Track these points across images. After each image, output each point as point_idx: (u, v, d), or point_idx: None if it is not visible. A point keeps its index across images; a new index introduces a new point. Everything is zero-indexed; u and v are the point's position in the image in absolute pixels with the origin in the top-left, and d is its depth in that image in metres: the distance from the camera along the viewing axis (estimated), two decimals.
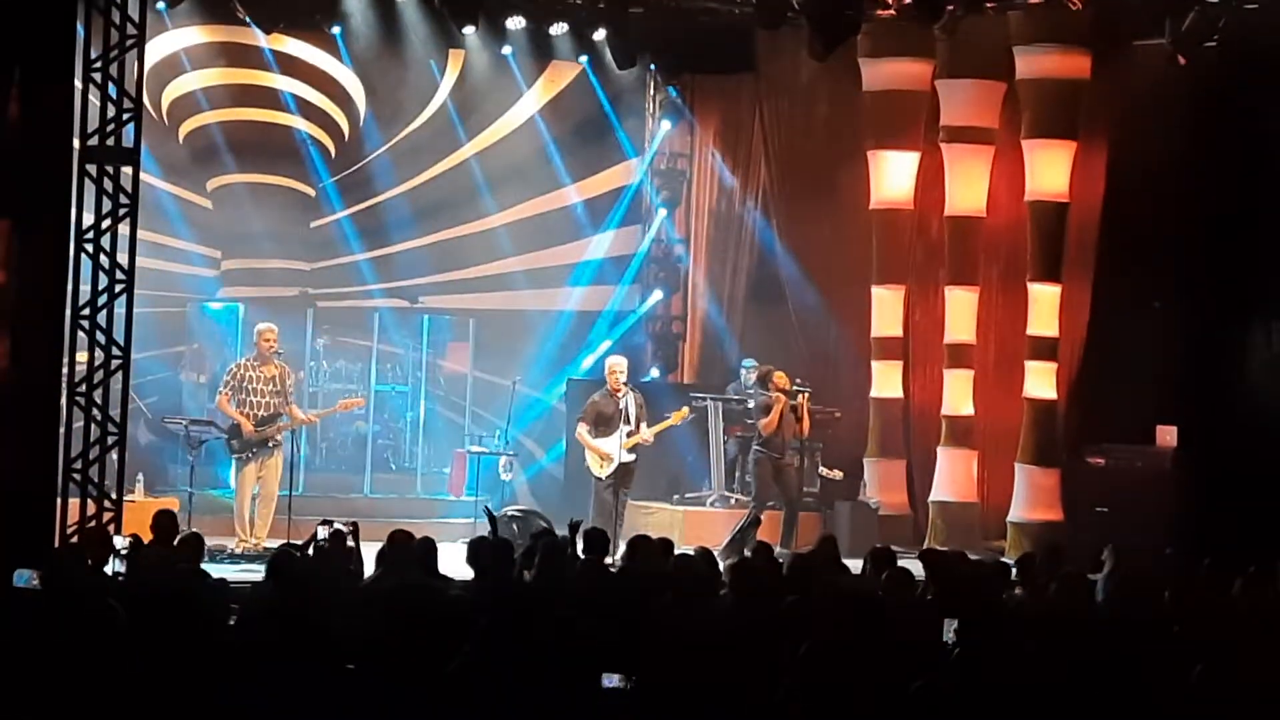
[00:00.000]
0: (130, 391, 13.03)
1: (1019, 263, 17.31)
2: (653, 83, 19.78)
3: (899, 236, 17.97)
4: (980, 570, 10.67)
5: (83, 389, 12.66)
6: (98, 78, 12.77)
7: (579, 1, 17.72)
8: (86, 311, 12.67)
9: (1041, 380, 17.04)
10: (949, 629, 7.88)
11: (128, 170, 12.80)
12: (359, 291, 18.82)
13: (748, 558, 11.17)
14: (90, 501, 12.61)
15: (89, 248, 12.65)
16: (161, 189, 17.23)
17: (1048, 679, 7.33)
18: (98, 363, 12.70)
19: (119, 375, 12.76)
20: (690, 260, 19.87)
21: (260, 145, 18.28)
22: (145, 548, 10.12)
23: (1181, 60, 15.78)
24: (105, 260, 12.73)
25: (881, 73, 17.66)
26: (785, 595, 8.92)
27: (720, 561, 10.62)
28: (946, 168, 17.66)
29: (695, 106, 19.87)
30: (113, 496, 12.69)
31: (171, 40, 17.45)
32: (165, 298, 16.93)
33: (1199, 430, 16.17)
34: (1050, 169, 16.98)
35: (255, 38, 17.67)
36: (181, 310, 17.63)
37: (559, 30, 18.18)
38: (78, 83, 12.56)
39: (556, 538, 10.76)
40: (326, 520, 10.72)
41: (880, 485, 17.76)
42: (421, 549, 9.56)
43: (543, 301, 19.31)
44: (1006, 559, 13.48)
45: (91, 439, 12.65)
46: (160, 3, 16.02)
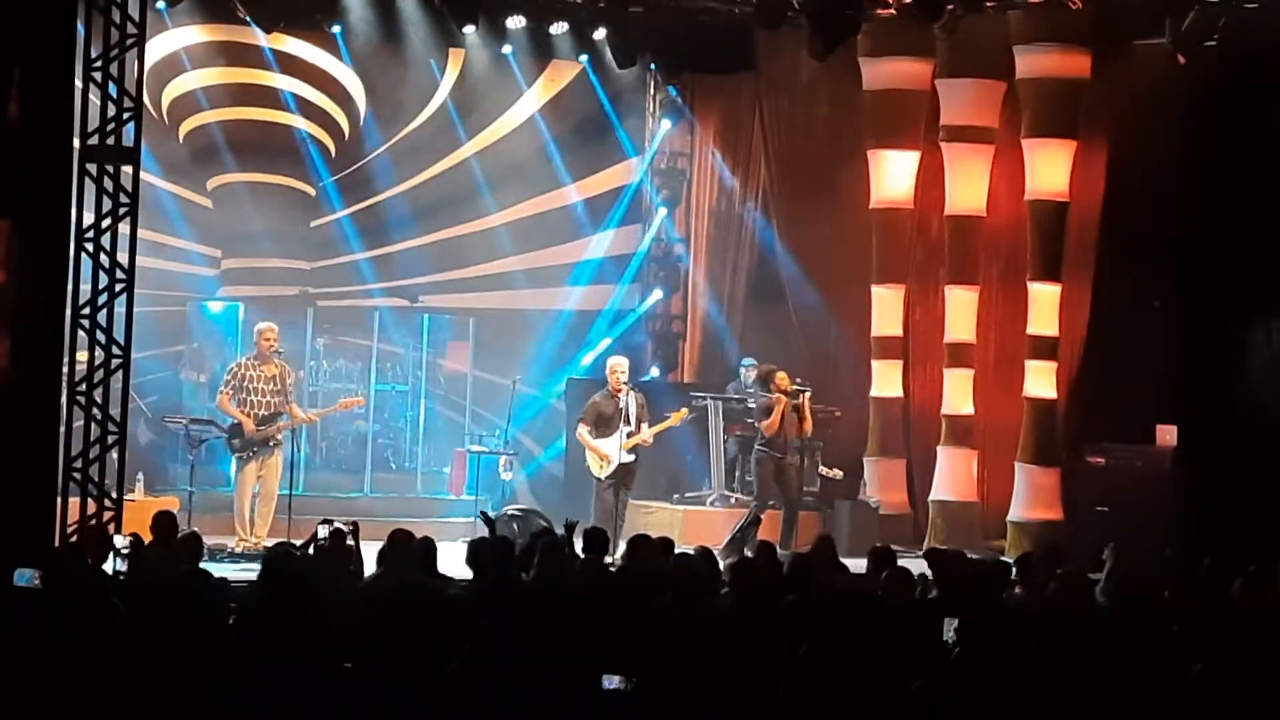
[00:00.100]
0: (130, 391, 13.04)
1: (1019, 262, 17.30)
2: (653, 82, 19.77)
3: (899, 236, 17.97)
4: (980, 570, 10.66)
5: (83, 388, 12.65)
6: (98, 77, 12.75)
7: (579, 1, 17.72)
8: (87, 311, 12.65)
9: (1041, 379, 17.04)
10: (949, 628, 7.88)
11: (128, 169, 12.79)
12: (359, 291, 18.81)
13: (748, 557, 11.19)
14: (90, 500, 12.59)
15: (89, 247, 12.63)
16: (162, 188, 17.22)
17: (1047, 678, 7.33)
18: (98, 362, 12.68)
19: (119, 374, 12.74)
20: (690, 259, 19.86)
21: (260, 144, 18.27)
22: (145, 548, 10.12)
23: (1181, 60, 15.77)
24: (105, 259, 12.71)
25: (881, 72, 17.66)
26: (785, 595, 8.92)
27: (720, 561, 10.62)
28: (946, 167, 17.66)
29: (695, 106, 19.86)
30: (113, 495, 12.68)
31: (171, 39, 17.45)
32: (165, 297, 16.94)
33: (1199, 430, 16.16)
34: (1050, 168, 16.97)
35: (255, 37, 17.66)
36: (181, 309, 17.63)
37: (559, 29, 18.17)
38: (78, 82, 12.54)
39: (556, 537, 10.76)
40: (327, 519, 10.72)
41: (880, 484, 17.76)
42: (421, 549, 9.56)
43: (543, 301, 19.30)
44: (1006, 558, 13.48)
45: (92, 438, 12.64)
46: (160, 2, 16.01)
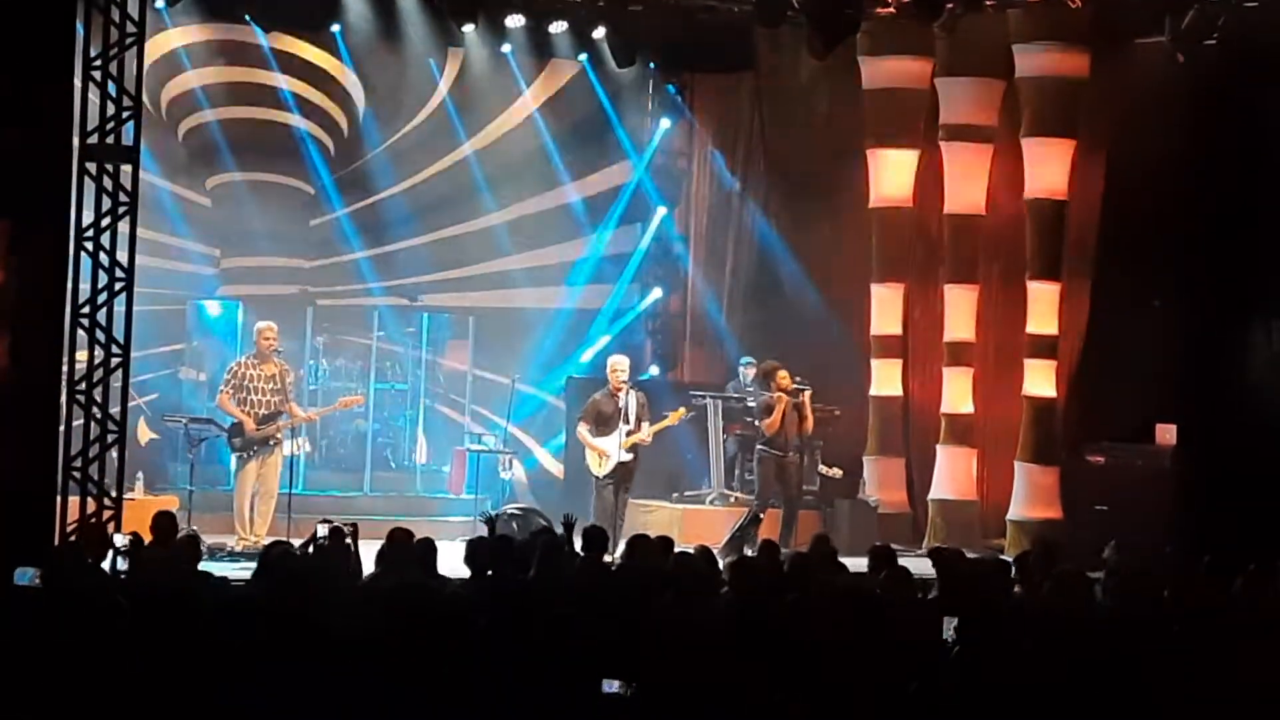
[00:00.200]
0: (130, 389, 13.04)
1: (1018, 261, 17.29)
2: (652, 81, 19.75)
3: (898, 234, 17.97)
4: (980, 568, 10.65)
5: (82, 387, 12.64)
6: (97, 76, 12.74)
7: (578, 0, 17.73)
8: (86, 310, 12.64)
9: (1041, 378, 17.04)
10: (948, 627, 7.87)
11: (127, 168, 12.77)
12: (358, 289, 18.81)
13: (747, 555, 11.18)
14: (90, 499, 12.59)
15: (89, 246, 12.62)
16: (161, 187, 17.21)
17: (1047, 678, 7.33)
18: (97, 361, 12.67)
19: (119, 373, 12.74)
20: (689, 258, 19.85)
21: (260, 143, 18.27)
22: (145, 549, 10.11)
23: (1181, 58, 15.76)
24: (105, 258, 12.70)
25: (881, 71, 17.66)
26: (785, 594, 8.91)
27: (720, 560, 10.61)
28: (946, 166, 17.65)
29: (695, 105, 19.86)
30: (113, 494, 12.68)
31: (171, 38, 17.44)
32: (165, 296, 16.94)
33: (1199, 429, 16.16)
34: (1050, 167, 16.97)
35: (255, 36, 17.69)
36: (181, 308, 17.63)
37: (558, 28, 18.15)
38: (77, 81, 12.54)
39: (555, 536, 10.75)
40: (326, 519, 10.72)
41: (880, 483, 17.75)
42: (421, 549, 9.55)
43: (542, 299, 19.30)
44: (1005, 557, 13.47)
45: (91, 437, 12.64)
46: (159, 1, 16.01)
